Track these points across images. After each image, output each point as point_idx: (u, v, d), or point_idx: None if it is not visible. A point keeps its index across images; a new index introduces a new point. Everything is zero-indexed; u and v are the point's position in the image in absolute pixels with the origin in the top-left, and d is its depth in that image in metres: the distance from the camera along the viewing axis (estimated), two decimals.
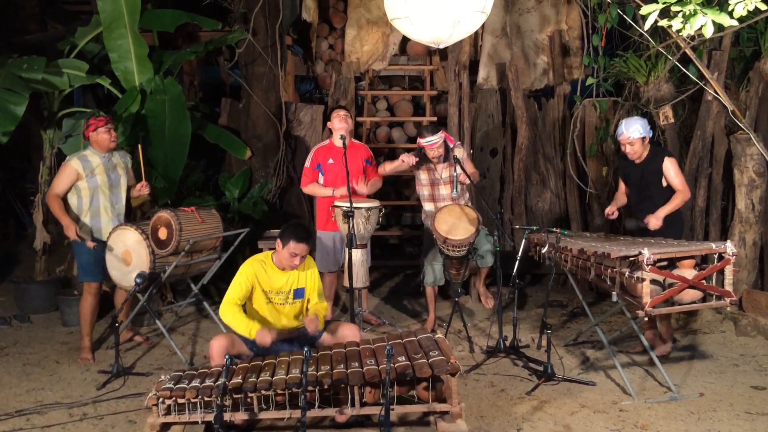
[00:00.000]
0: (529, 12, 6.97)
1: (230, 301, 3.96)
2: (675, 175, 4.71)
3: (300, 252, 3.94)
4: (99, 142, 4.92)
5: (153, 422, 3.57)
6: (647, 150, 4.82)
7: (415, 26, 4.08)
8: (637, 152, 4.79)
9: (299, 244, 3.92)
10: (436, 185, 5.35)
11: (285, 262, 3.99)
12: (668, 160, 4.72)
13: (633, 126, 4.74)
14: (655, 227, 4.66)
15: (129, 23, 5.89)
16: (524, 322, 5.68)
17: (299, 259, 3.97)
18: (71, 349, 5.18)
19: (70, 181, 4.86)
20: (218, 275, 5.60)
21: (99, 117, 5.00)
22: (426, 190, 5.41)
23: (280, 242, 3.98)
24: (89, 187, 4.89)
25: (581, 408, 4.02)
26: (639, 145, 4.76)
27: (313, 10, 7.10)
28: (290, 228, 3.97)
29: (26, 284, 6.24)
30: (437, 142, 5.15)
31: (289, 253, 3.94)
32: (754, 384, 4.35)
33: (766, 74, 5.47)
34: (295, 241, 3.92)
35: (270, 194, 6.81)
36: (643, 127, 4.74)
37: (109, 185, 4.97)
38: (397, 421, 3.79)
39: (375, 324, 5.64)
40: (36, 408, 4.10)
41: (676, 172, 4.72)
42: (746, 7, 3.44)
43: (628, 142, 4.77)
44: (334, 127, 5.47)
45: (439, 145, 5.17)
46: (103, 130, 4.89)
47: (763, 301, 5.31)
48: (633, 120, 4.80)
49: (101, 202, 4.95)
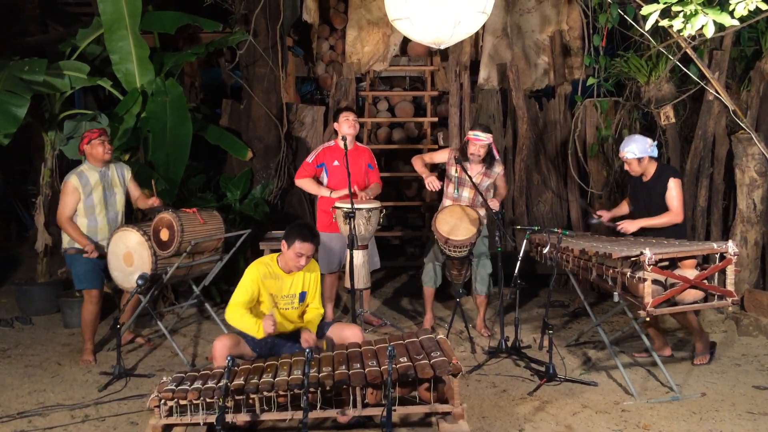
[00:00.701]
0: (529, 12, 6.98)
1: (236, 304, 3.95)
2: (674, 197, 4.63)
3: (306, 252, 3.94)
4: (94, 155, 4.90)
5: (155, 424, 3.56)
6: (653, 168, 4.72)
7: (416, 27, 4.07)
8: (635, 171, 4.75)
9: (304, 244, 3.92)
10: (462, 185, 5.29)
11: (291, 263, 3.99)
12: (672, 180, 4.64)
13: (629, 146, 4.68)
14: (625, 231, 4.68)
15: (130, 25, 5.89)
16: (526, 322, 5.68)
17: (305, 259, 3.97)
18: (73, 351, 5.18)
19: (75, 200, 4.85)
20: (220, 276, 5.60)
21: (93, 129, 4.98)
22: (451, 188, 5.35)
23: (285, 243, 3.98)
24: (85, 207, 4.88)
25: (583, 408, 4.02)
26: (635, 164, 4.70)
27: (314, 11, 7.11)
28: (295, 228, 3.98)
29: (28, 286, 6.25)
30: (483, 141, 5.13)
31: (295, 253, 3.94)
32: (756, 384, 4.35)
33: (767, 74, 5.46)
34: (300, 241, 3.92)
35: (271, 195, 6.81)
36: (639, 149, 4.64)
37: (106, 203, 4.96)
38: (398, 422, 3.79)
39: (376, 325, 5.64)
40: (38, 409, 4.10)
41: (677, 194, 4.64)
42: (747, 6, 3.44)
43: (624, 160, 4.75)
44: (342, 130, 5.39)
45: (483, 145, 5.14)
46: (96, 143, 4.87)
47: (765, 300, 5.31)
48: (631, 139, 4.73)
49: (99, 221, 4.94)
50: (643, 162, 4.69)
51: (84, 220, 4.90)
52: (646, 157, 4.67)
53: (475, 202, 5.25)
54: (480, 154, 5.17)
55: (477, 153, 5.16)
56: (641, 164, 4.70)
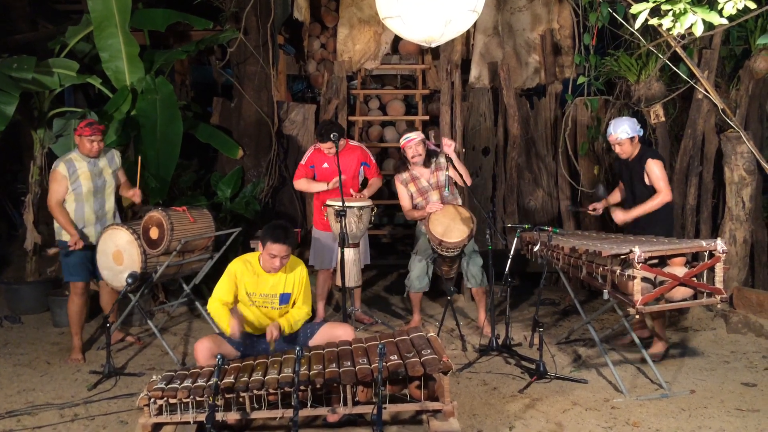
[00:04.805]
0: (520, 11, 6.99)
1: (215, 299, 3.99)
2: (657, 178, 4.74)
3: (278, 252, 3.91)
4: (82, 148, 4.90)
5: (144, 423, 3.55)
6: (637, 149, 4.87)
7: (407, 25, 4.07)
8: (626, 152, 4.86)
9: (275, 245, 3.89)
10: (425, 193, 5.30)
11: (267, 264, 3.98)
12: (651, 161, 4.75)
13: (621, 127, 4.80)
14: (619, 221, 4.73)
15: (120, 22, 5.86)
16: (516, 320, 5.69)
17: (279, 260, 3.93)
18: (62, 350, 5.16)
19: (63, 187, 4.83)
20: (210, 275, 5.58)
21: (87, 126, 4.87)
22: (420, 201, 5.36)
23: (260, 244, 3.99)
24: (74, 194, 4.87)
25: (573, 406, 4.03)
26: (628, 145, 4.82)
27: (305, 10, 7.09)
28: (269, 229, 3.95)
29: (17, 285, 6.22)
30: (415, 139, 5.16)
31: (268, 254, 3.92)
32: (744, 381, 4.38)
33: (756, 73, 5.49)
34: (272, 242, 3.90)
35: (262, 194, 6.79)
36: (631, 128, 4.79)
37: (95, 191, 4.94)
38: (389, 420, 3.80)
39: (367, 323, 5.65)
40: (27, 409, 4.09)
41: (660, 174, 4.74)
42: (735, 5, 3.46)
43: (616, 142, 4.84)
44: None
45: (417, 143, 5.16)
46: (86, 140, 4.85)
47: (754, 298, 5.34)
48: (621, 120, 4.86)
49: (86, 210, 4.92)
50: (634, 141, 4.82)
51: (72, 205, 4.89)
52: (636, 136, 4.81)
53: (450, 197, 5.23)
54: (420, 152, 5.18)
55: (417, 153, 5.17)
56: (633, 144, 4.82)
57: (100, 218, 5.00)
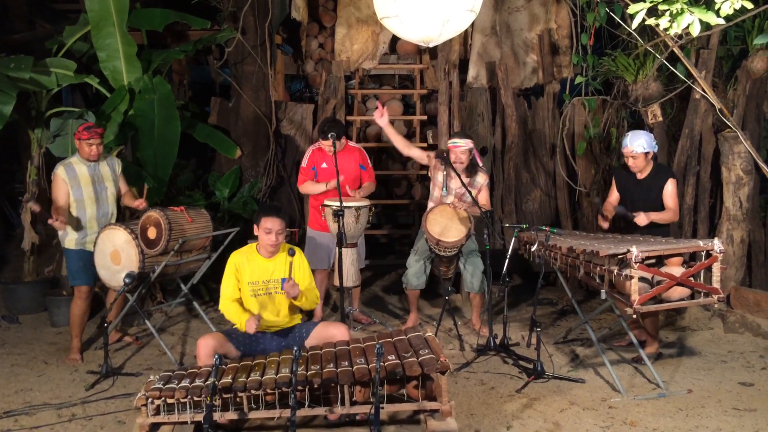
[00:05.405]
0: (518, 11, 6.99)
1: (224, 298, 4.03)
2: (672, 196, 4.73)
3: (272, 226, 3.95)
4: (82, 152, 4.89)
5: (142, 422, 3.55)
6: (650, 166, 4.78)
7: (405, 25, 4.08)
8: (639, 166, 4.76)
9: (268, 218, 3.95)
10: (450, 187, 5.27)
11: (265, 242, 3.99)
12: (671, 181, 4.73)
13: (637, 140, 4.69)
14: (641, 223, 4.70)
15: (117, 22, 5.86)
16: (514, 320, 5.70)
17: (274, 235, 3.96)
18: (60, 350, 5.15)
19: (65, 190, 4.83)
20: (208, 275, 5.59)
21: (85, 130, 4.86)
22: (436, 192, 5.34)
23: (255, 226, 4.03)
24: (75, 200, 4.86)
25: (571, 405, 4.04)
26: (642, 159, 4.72)
27: (303, 9, 7.09)
28: (259, 209, 4.06)
29: (15, 285, 6.21)
30: (462, 147, 5.10)
31: (263, 230, 3.97)
32: (741, 380, 4.39)
33: (753, 73, 5.50)
34: (264, 216, 3.96)
35: (260, 193, 6.79)
36: (648, 143, 4.69)
37: (96, 198, 4.94)
38: (387, 420, 3.80)
39: (365, 323, 5.65)
40: (24, 409, 4.08)
41: (676, 194, 4.77)
42: (733, 5, 3.47)
43: (631, 155, 4.73)
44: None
45: (463, 151, 5.11)
46: (84, 144, 4.85)
47: (751, 298, 5.35)
48: (638, 134, 4.76)
49: (87, 216, 4.92)
50: (648, 157, 4.74)
51: (74, 213, 4.88)
52: (651, 152, 4.73)
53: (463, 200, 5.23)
54: (462, 161, 5.14)
55: (459, 160, 5.13)
56: (647, 159, 4.75)
57: (102, 225, 4.98)
